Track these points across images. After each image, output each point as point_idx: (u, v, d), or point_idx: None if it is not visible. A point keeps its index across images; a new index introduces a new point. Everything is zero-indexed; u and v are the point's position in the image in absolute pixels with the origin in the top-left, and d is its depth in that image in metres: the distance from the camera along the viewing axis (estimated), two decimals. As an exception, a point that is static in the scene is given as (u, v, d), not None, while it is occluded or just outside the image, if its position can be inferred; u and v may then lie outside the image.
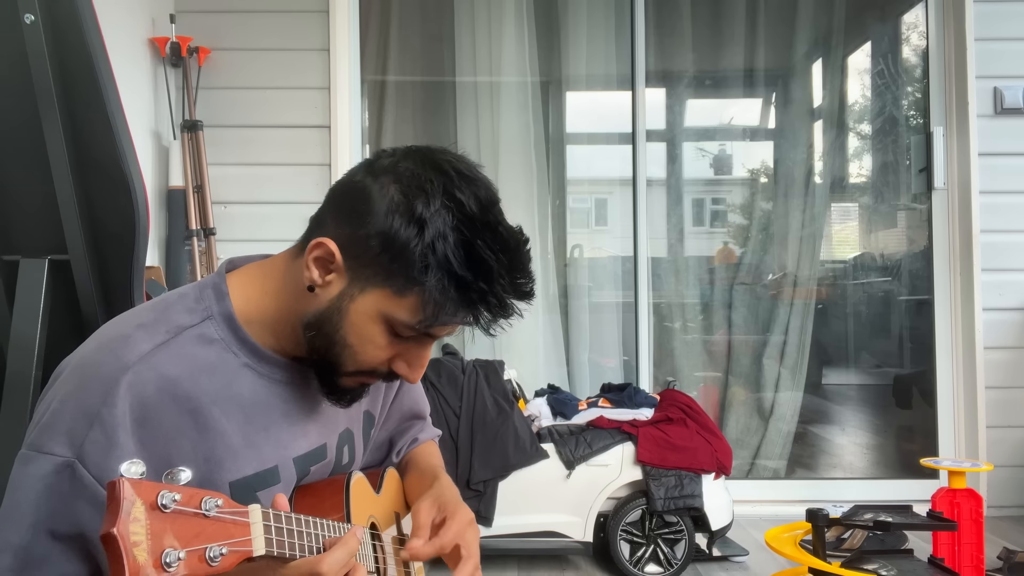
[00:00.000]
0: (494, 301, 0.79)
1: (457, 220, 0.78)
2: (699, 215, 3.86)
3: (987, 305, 3.20)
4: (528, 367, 3.35)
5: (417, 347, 0.85)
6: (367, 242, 0.79)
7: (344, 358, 0.83)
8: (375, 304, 0.81)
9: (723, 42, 3.67)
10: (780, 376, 3.56)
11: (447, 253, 0.77)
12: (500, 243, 0.79)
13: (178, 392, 0.78)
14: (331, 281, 0.81)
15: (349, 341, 0.82)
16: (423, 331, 0.82)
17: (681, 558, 2.47)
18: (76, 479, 0.72)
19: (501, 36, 3.51)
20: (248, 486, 0.83)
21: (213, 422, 0.80)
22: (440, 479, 1.04)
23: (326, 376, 0.86)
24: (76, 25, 1.20)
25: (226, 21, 3.20)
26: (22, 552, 0.72)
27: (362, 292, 0.81)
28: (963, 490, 2.13)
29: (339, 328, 0.82)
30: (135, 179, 1.25)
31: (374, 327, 0.82)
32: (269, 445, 0.85)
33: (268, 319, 0.86)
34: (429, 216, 0.77)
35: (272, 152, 3.18)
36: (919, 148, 3.41)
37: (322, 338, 0.83)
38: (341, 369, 0.84)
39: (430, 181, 0.79)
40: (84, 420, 0.73)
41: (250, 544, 0.64)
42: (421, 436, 1.19)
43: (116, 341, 0.79)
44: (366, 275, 0.80)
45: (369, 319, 0.81)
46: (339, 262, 0.81)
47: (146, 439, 0.75)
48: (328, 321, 0.82)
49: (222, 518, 0.62)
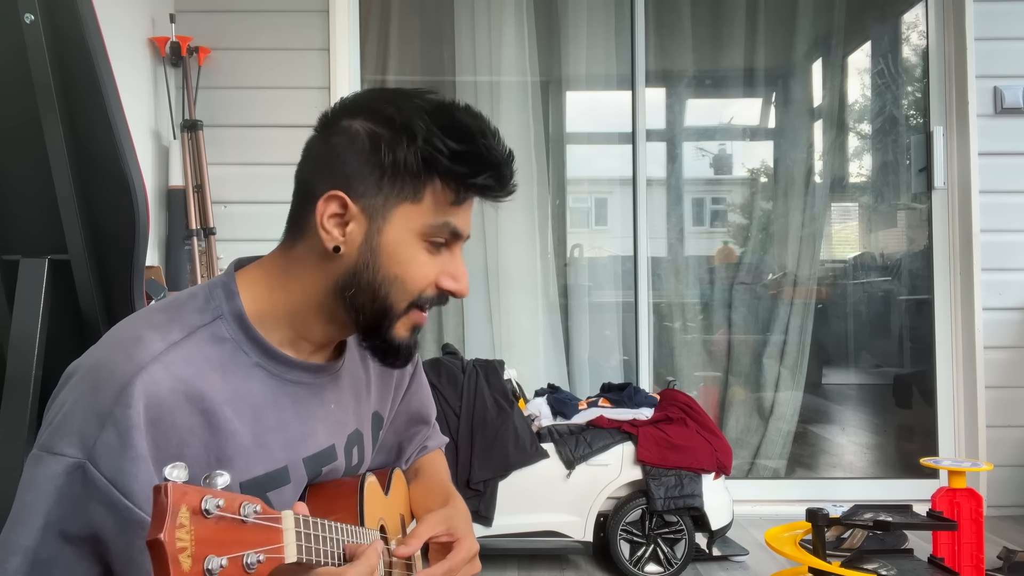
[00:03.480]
0: (490, 157, 0.83)
1: (427, 113, 0.83)
2: (699, 215, 3.86)
3: (987, 305, 3.20)
4: (528, 367, 3.35)
5: (451, 257, 0.87)
6: (368, 174, 0.83)
7: (394, 294, 0.85)
8: (403, 224, 0.83)
9: (723, 42, 3.67)
10: (780, 376, 3.56)
11: (438, 139, 0.81)
12: (469, 113, 0.84)
13: (191, 392, 0.78)
14: (352, 231, 0.83)
15: (394, 272, 0.84)
16: (451, 226, 0.85)
17: (681, 558, 2.47)
18: (88, 480, 0.71)
19: (501, 36, 3.51)
20: (259, 486, 0.83)
21: (225, 422, 0.80)
22: (455, 501, 1.05)
23: (379, 331, 0.87)
24: (76, 25, 1.20)
25: (226, 21, 3.20)
26: (31, 554, 0.71)
27: (386, 221, 0.83)
28: (963, 490, 2.13)
29: (380, 267, 0.84)
30: (135, 179, 1.25)
31: (411, 247, 0.84)
32: (279, 445, 0.85)
33: (281, 313, 0.86)
34: (406, 121, 0.82)
35: (272, 152, 3.17)
36: (919, 148, 3.41)
37: (365, 289, 0.84)
38: (395, 309, 0.85)
39: (385, 102, 0.84)
40: (96, 421, 0.73)
41: (282, 552, 0.63)
42: (430, 444, 1.19)
43: (129, 342, 0.78)
44: (381, 203, 0.83)
45: (404, 242, 0.84)
46: (353, 208, 0.83)
47: (159, 439, 0.75)
48: (366, 268, 0.84)
49: (258, 524, 0.61)
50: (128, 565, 0.72)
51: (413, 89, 0.87)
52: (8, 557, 0.72)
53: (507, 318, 3.46)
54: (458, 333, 3.53)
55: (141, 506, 0.71)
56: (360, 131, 0.83)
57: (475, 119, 0.84)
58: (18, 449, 1.16)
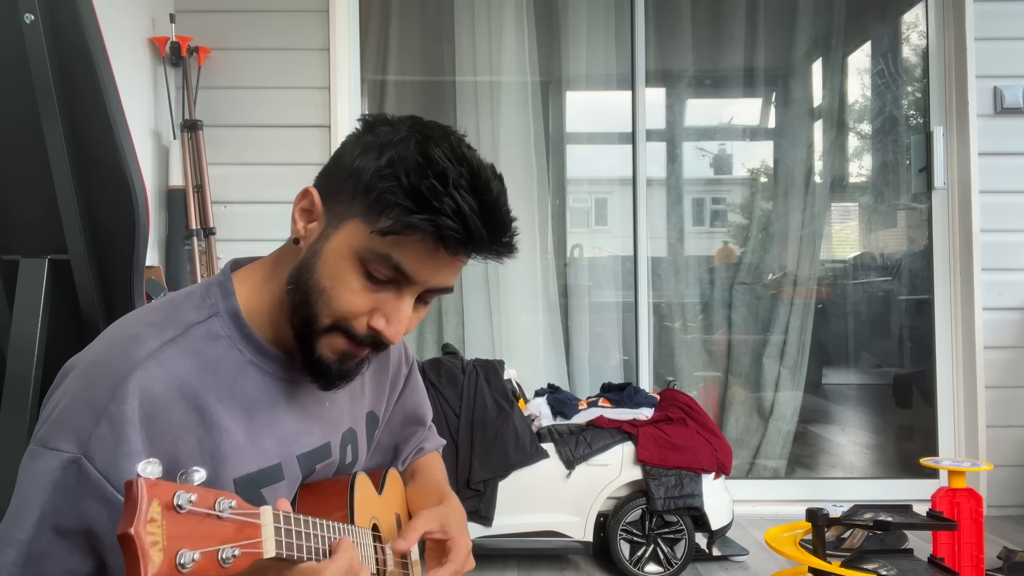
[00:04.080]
0: (450, 206, 0.76)
1: (417, 143, 0.80)
2: (699, 215, 3.86)
3: (987, 305, 3.20)
4: (528, 367, 3.35)
5: (395, 298, 0.82)
6: (341, 182, 0.83)
7: (319, 306, 0.81)
8: (347, 239, 0.81)
9: (723, 42, 3.67)
10: (780, 376, 3.56)
11: (404, 166, 0.78)
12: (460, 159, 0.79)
13: (186, 389, 0.79)
14: (311, 229, 0.84)
15: (323, 285, 0.81)
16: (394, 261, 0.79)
17: (681, 558, 2.47)
18: (82, 475, 0.72)
19: (501, 36, 3.51)
20: (252, 483, 0.83)
21: (218, 418, 0.80)
22: (450, 500, 1.06)
23: (305, 340, 0.83)
24: (76, 25, 1.20)
25: (226, 21, 3.20)
26: (25, 547, 0.72)
27: (336, 230, 0.82)
28: (963, 490, 2.13)
29: (314, 272, 0.82)
30: (135, 179, 1.25)
31: (347, 266, 0.81)
32: (273, 442, 0.86)
33: (265, 309, 0.87)
34: (391, 142, 0.81)
35: (272, 152, 3.18)
36: (919, 148, 3.41)
37: (299, 290, 0.82)
38: (317, 323, 0.82)
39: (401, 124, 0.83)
40: (91, 416, 0.73)
41: (261, 546, 0.64)
42: (427, 446, 1.20)
43: (125, 339, 0.79)
44: (338, 211, 0.82)
45: (342, 257, 0.81)
46: (318, 206, 0.84)
47: (154, 435, 0.76)
48: (305, 268, 0.82)
49: (235, 519, 0.62)
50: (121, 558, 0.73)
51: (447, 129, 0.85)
52: (3, 550, 0.73)
53: (507, 318, 3.46)
54: (458, 333, 3.53)
55: None
56: (360, 145, 0.84)
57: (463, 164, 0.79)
58: (18, 448, 1.16)
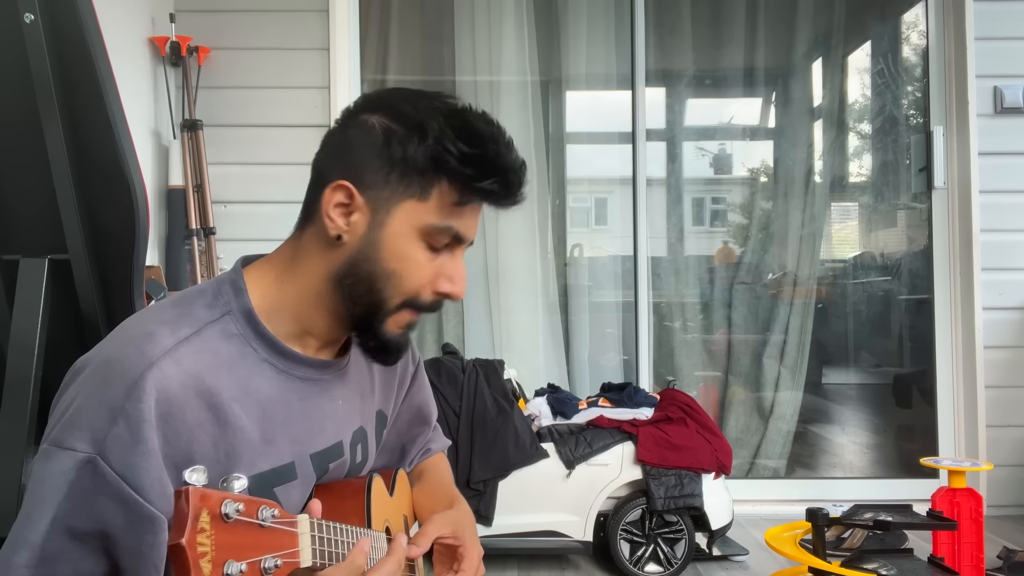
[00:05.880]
0: (498, 163, 0.84)
1: (443, 115, 0.84)
2: (699, 214, 3.86)
3: (987, 304, 3.20)
4: (528, 367, 3.35)
5: (451, 260, 0.88)
6: (378, 168, 0.84)
7: (389, 289, 0.85)
8: (406, 219, 0.84)
9: (723, 41, 3.67)
10: (780, 375, 3.56)
11: (449, 140, 0.83)
12: (484, 119, 0.86)
13: (201, 387, 0.78)
14: (355, 222, 0.85)
15: (392, 267, 0.85)
16: (454, 230, 0.86)
17: (681, 557, 2.47)
18: (98, 475, 0.71)
19: (501, 36, 3.51)
20: (265, 482, 0.83)
21: (233, 417, 0.80)
22: (460, 505, 1.07)
23: (372, 325, 0.87)
24: (76, 25, 1.20)
25: (226, 20, 3.20)
26: (38, 549, 0.72)
27: (389, 215, 0.84)
28: (963, 489, 2.13)
29: (378, 260, 0.85)
30: (135, 179, 1.25)
31: (411, 244, 0.85)
32: (286, 441, 0.86)
33: (288, 306, 0.87)
34: (420, 119, 0.84)
35: (272, 152, 3.17)
36: (919, 147, 3.41)
37: (362, 280, 0.85)
38: (388, 304, 0.86)
39: (403, 101, 0.86)
40: (107, 416, 0.73)
41: (298, 556, 0.63)
42: (433, 446, 1.20)
43: (140, 337, 0.78)
44: (387, 197, 0.84)
45: (405, 237, 0.85)
46: (359, 199, 0.84)
47: (170, 434, 0.75)
48: (365, 259, 0.85)
49: (276, 528, 0.61)
50: (137, 559, 0.72)
51: (434, 92, 0.89)
52: (16, 551, 0.72)
53: (507, 318, 3.46)
54: (458, 333, 3.53)
55: (151, 501, 0.72)
56: (375, 125, 0.85)
57: (489, 125, 0.85)
58: (18, 448, 1.16)
